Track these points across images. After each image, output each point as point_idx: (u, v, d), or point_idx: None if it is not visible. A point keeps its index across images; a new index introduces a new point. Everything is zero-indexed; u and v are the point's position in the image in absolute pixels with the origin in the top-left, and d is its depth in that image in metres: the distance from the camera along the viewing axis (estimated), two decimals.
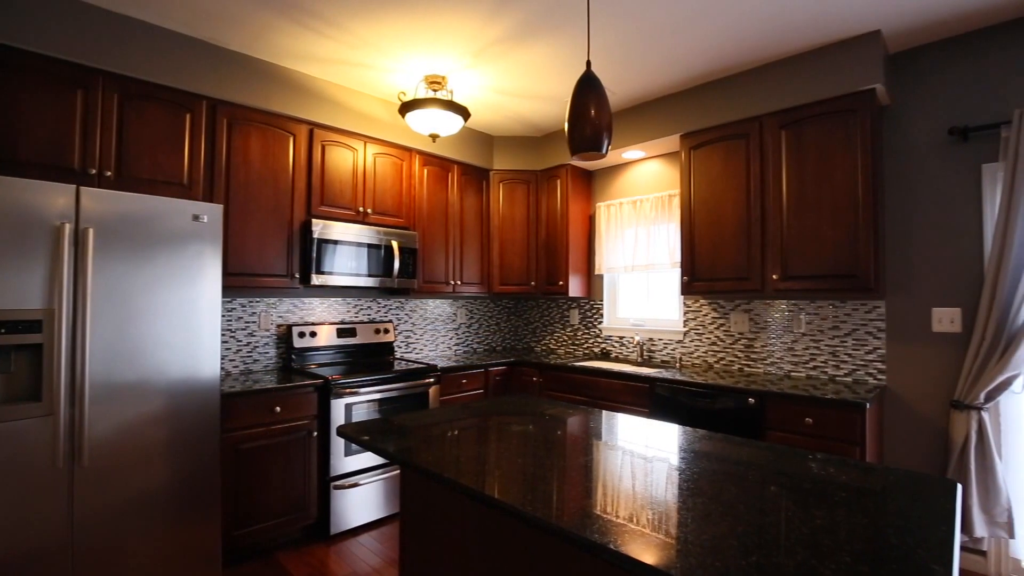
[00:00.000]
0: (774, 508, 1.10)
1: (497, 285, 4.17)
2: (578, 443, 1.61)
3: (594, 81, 1.59)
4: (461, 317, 4.38)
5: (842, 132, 2.67)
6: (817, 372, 3.02)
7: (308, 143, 3.12)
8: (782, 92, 2.89)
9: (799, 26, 2.56)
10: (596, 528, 0.99)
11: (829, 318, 2.99)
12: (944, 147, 2.67)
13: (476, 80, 3.20)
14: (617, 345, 4.02)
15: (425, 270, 3.71)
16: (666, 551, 0.90)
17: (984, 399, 2.42)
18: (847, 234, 2.63)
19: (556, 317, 4.49)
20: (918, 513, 1.08)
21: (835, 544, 0.93)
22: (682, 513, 1.07)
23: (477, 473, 1.31)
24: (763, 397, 2.64)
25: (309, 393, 2.79)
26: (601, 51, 2.83)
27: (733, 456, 1.48)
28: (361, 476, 2.95)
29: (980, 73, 2.58)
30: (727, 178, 3.08)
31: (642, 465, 1.40)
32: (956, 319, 2.60)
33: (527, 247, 4.20)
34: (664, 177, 3.77)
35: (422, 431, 1.74)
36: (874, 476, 1.31)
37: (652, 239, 3.75)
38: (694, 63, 2.97)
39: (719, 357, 3.43)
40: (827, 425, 2.43)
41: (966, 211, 2.60)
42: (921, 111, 2.74)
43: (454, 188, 3.94)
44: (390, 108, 3.52)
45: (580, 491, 1.19)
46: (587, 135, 1.55)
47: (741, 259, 3.00)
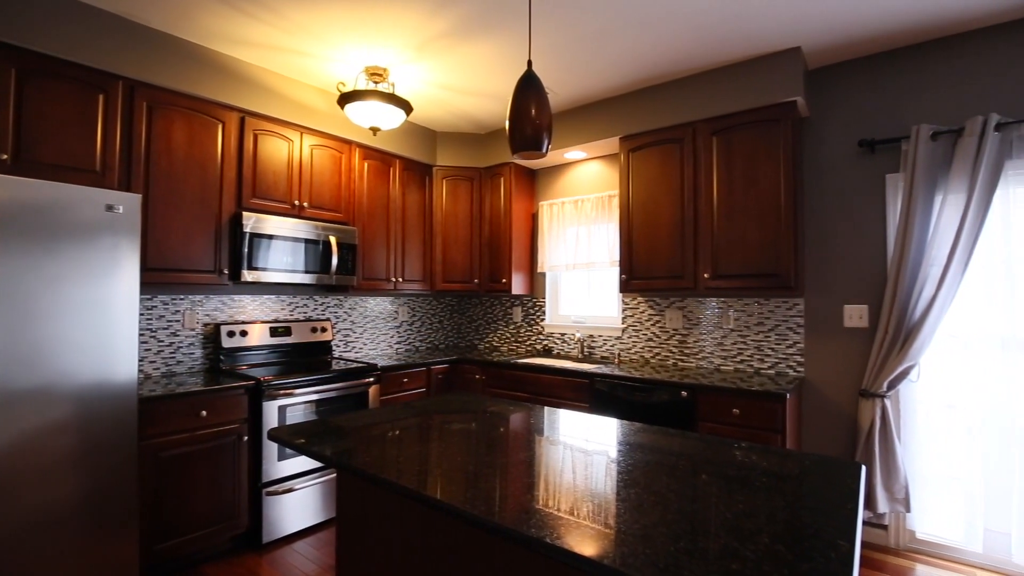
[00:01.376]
0: (701, 495, 1.16)
1: (440, 282, 4.13)
2: (520, 439, 1.63)
3: (535, 81, 1.61)
4: (403, 315, 4.30)
5: (767, 140, 2.84)
6: (744, 365, 3.21)
7: (239, 131, 2.95)
8: (714, 100, 3.04)
9: (728, 38, 2.70)
10: (534, 523, 1.00)
11: (755, 315, 3.18)
12: (854, 158, 2.91)
13: (419, 74, 3.15)
14: (559, 342, 4.09)
15: (365, 267, 3.61)
16: (601, 541, 0.92)
17: (887, 388, 2.66)
18: (770, 236, 2.81)
19: (499, 315, 4.51)
20: (828, 494, 1.17)
21: (755, 527, 0.99)
22: (617, 504, 1.11)
23: (417, 473, 1.30)
24: (695, 390, 2.77)
25: (239, 395, 2.65)
26: (543, 52, 2.86)
27: (666, 447, 1.54)
28: (296, 481, 2.84)
29: (885, 91, 2.83)
30: (663, 181, 3.21)
31: (581, 459, 1.44)
32: (864, 315, 2.84)
33: (471, 244, 4.18)
34: (605, 178, 3.87)
35: (361, 432, 1.69)
36: (791, 461, 1.41)
37: (593, 238, 3.85)
38: (633, 68, 3.06)
39: (655, 352, 3.57)
40: (752, 415, 2.59)
41: (872, 216, 2.85)
42: (835, 124, 2.97)
43: (396, 183, 3.86)
44: (328, 99, 3.40)
45: (521, 487, 1.21)
46: (527, 134, 1.56)
47: (675, 259, 3.13)
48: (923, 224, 2.60)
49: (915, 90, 2.75)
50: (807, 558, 0.87)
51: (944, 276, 2.49)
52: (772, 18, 2.51)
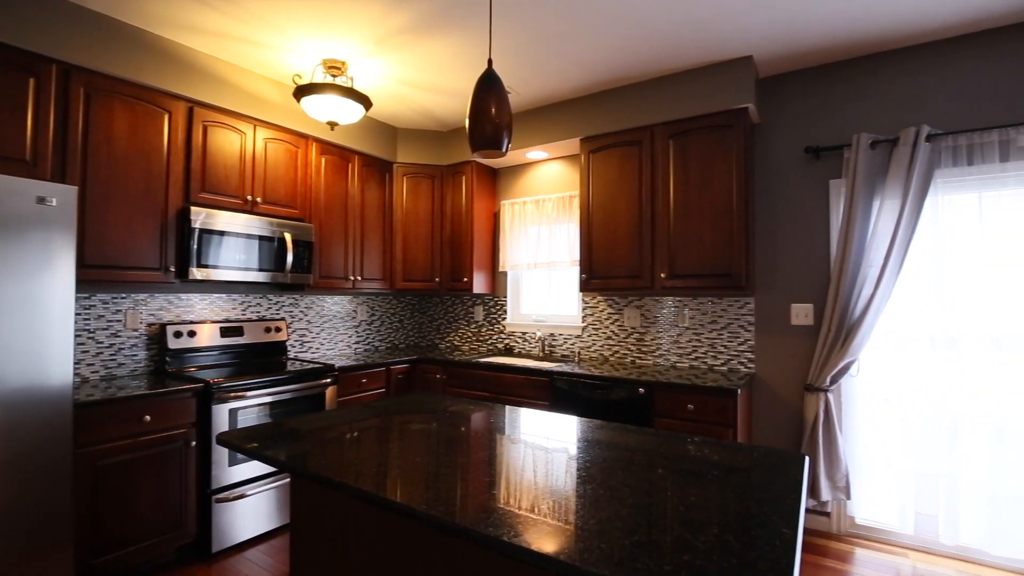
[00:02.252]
0: (656, 489, 1.19)
1: (400, 281, 4.07)
2: (481, 438, 1.63)
3: (495, 80, 1.60)
4: (362, 314, 4.22)
5: (720, 145, 2.94)
6: (699, 362, 3.31)
7: (187, 122, 2.82)
8: (671, 104, 3.12)
9: (685, 45, 2.78)
10: (492, 522, 1.00)
11: (709, 313, 3.29)
12: (801, 163, 3.05)
13: (379, 69, 3.09)
14: (520, 341, 4.11)
15: (322, 264, 3.52)
16: (558, 538, 0.93)
17: (830, 382, 2.80)
18: (723, 237, 2.91)
19: (461, 313, 4.49)
20: (775, 485, 1.22)
21: (706, 518, 1.03)
22: (574, 501, 1.12)
23: (375, 475, 1.27)
24: (652, 387, 2.84)
25: (186, 399, 2.53)
26: (505, 51, 2.86)
27: (623, 443, 1.57)
28: (249, 486, 2.74)
29: (829, 101, 2.98)
30: (622, 182, 3.27)
31: (540, 457, 1.45)
32: (809, 313, 2.99)
33: (431, 243, 4.15)
34: (566, 178, 3.91)
35: (317, 434, 1.65)
36: (741, 454, 1.46)
37: (554, 238, 3.88)
38: (593, 70, 3.10)
39: (614, 350, 3.64)
40: (706, 410, 2.68)
41: (817, 220, 2.99)
42: (784, 131, 3.11)
43: (354, 179, 3.78)
44: (284, 91, 3.29)
45: (481, 486, 1.20)
46: (487, 133, 1.56)
47: (634, 259, 3.20)
48: (863, 228, 2.75)
49: (857, 101, 2.91)
50: (754, 547, 0.91)
51: (881, 277, 2.65)
52: (726, 27, 2.60)
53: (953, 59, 2.67)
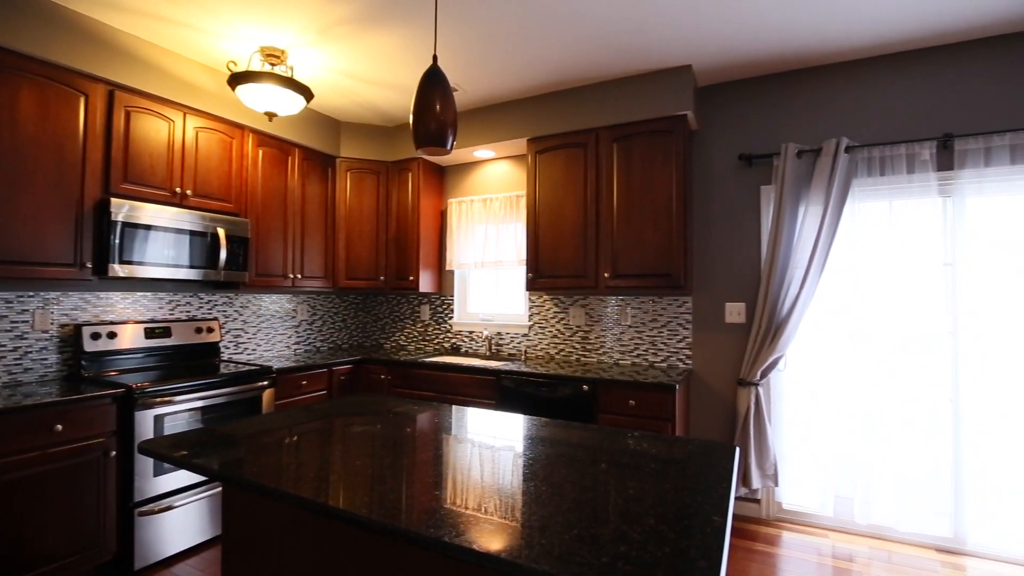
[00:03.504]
0: (596, 484, 1.22)
1: (343, 279, 3.95)
2: (426, 439, 1.61)
3: (440, 76, 1.59)
4: (302, 313, 4.07)
5: (662, 150, 3.05)
6: (640, 359, 3.42)
7: (107, 107, 2.61)
8: (615, 108, 3.20)
9: (629, 50, 2.86)
10: (433, 523, 0.99)
11: (650, 312, 3.40)
12: (735, 170, 3.21)
13: (321, 60, 2.99)
14: (467, 340, 4.09)
15: (259, 262, 3.36)
16: (500, 536, 0.94)
17: (760, 376, 2.97)
18: (664, 239, 3.02)
19: (407, 313, 4.42)
20: (708, 475, 1.28)
21: (643, 510, 1.06)
22: (518, 498, 1.13)
23: (314, 481, 1.23)
24: (595, 384, 2.90)
25: (105, 405, 2.35)
26: (451, 48, 2.84)
27: (566, 440, 1.60)
28: (176, 497, 2.58)
29: (761, 111, 3.16)
30: (568, 183, 3.32)
31: (485, 456, 1.45)
32: (742, 312, 3.15)
33: (376, 240, 4.05)
34: (513, 178, 3.93)
35: (252, 440, 1.57)
36: (678, 447, 1.52)
37: (501, 237, 3.89)
38: (540, 72, 3.14)
39: (559, 349, 3.69)
40: (646, 406, 2.77)
41: (749, 223, 3.16)
42: (720, 138, 3.26)
43: (295, 173, 3.63)
44: (218, 78, 3.11)
45: (426, 488, 1.19)
46: (432, 130, 1.54)
47: (579, 258, 3.26)
48: (790, 231, 2.94)
49: (785, 112, 3.09)
50: (687, 535, 0.95)
51: (805, 278, 2.83)
52: (667, 36, 2.70)
53: (869, 78, 2.90)
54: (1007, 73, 2.63)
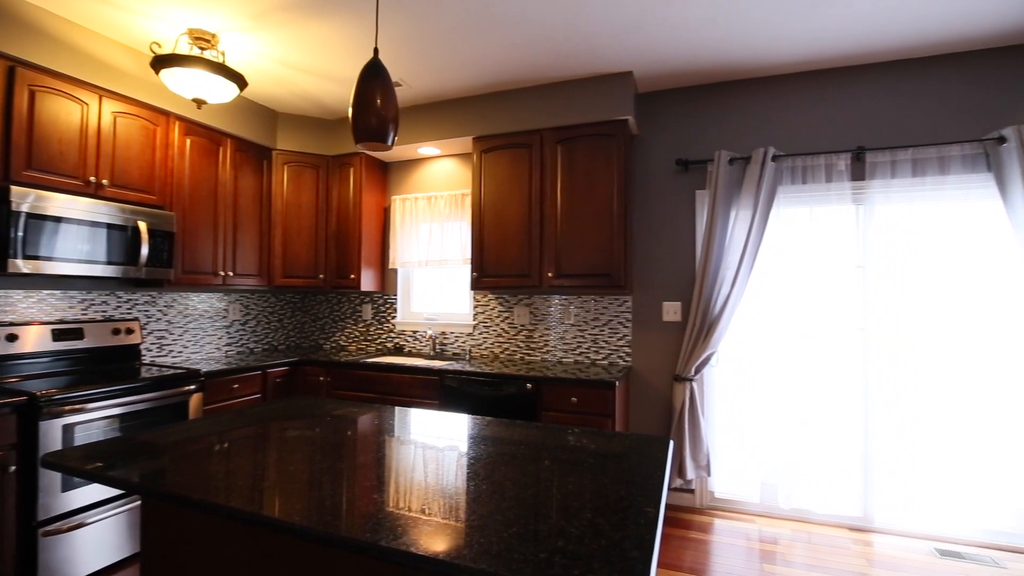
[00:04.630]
0: (536, 481, 1.23)
1: (279, 277, 3.79)
2: (366, 442, 1.57)
3: (381, 70, 1.55)
4: (235, 313, 3.86)
5: (604, 153, 3.12)
6: (583, 357, 3.50)
7: (7, 85, 2.37)
8: (560, 111, 3.25)
9: (573, 55, 2.91)
10: (370, 527, 0.97)
11: (592, 311, 3.48)
12: (673, 174, 3.34)
13: (256, 46, 2.84)
14: (411, 339, 4.03)
15: (186, 258, 3.16)
16: (438, 537, 0.93)
17: (694, 372, 3.11)
18: (605, 239, 3.09)
19: (347, 312, 4.29)
20: (643, 468, 1.32)
21: (581, 504, 1.08)
22: (457, 498, 1.12)
23: (245, 489, 1.17)
24: (539, 382, 2.94)
25: (3, 415, 2.13)
26: (394, 42, 2.78)
27: (509, 438, 1.61)
28: (89, 513, 2.38)
29: (697, 119, 3.30)
30: (513, 183, 3.34)
31: (426, 457, 1.43)
32: (678, 311, 3.29)
33: (315, 237, 3.91)
34: (458, 176, 3.90)
35: (176, 448, 1.47)
36: (616, 442, 1.57)
37: (446, 235, 3.86)
38: (485, 70, 3.13)
39: (504, 348, 3.71)
40: (588, 402, 2.83)
41: (685, 226, 3.30)
42: (659, 143, 3.38)
43: (227, 165, 3.44)
44: (140, 60, 2.90)
45: (364, 492, 1.16)
46: (372, 125, 1.51)
47: (523, 258, 3.29)
48: (722, 234, 3.09)
49: (719, 121, 3.25)
50: (621, 527, 0.98)
51: (736, 278, 2.99)
52: (610, 42, 2.77)
53: (794, 91, 3.10)
54: (911, 95, 2.89)
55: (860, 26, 2.57)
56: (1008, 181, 2.63)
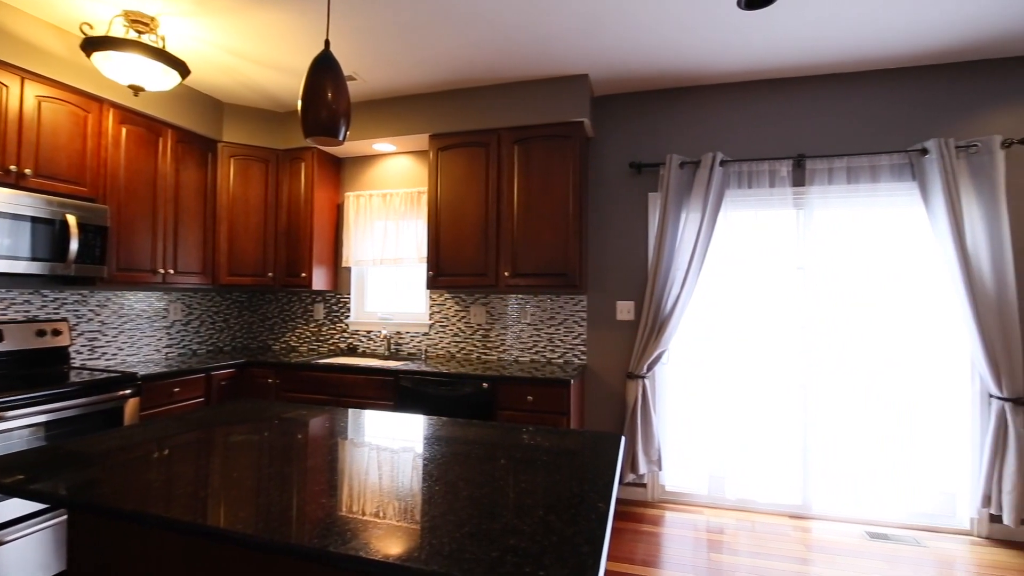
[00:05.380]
0: (490, 480, 1.23)
1: (225, 275, 3.62)
2: (318, 445, 1.52)
3: (332, 62, 1.51)
4: (176, 313, 3.66)
5: (560, 154, 3.16)
6: (539, 356, 3.53)
7: None
8: (517, 111, 3.26)
9: (530, 56, 2.93)
10: (319, 533, 0.94)
11: (548, 310, 3.52)
12: (627, 177, 3.42)
13: (200, 32, 2.71)
14: (365, 340, 3.95)
15: (121, 254, 2.97)
16: (389, 540, 0.91)
17: (646, 370, 3.19)
18: (561, 239, 3.13)
19: (298, 312, 4.15)
20: (596, 464, 1.35)
21: (534, 502, 1.09)
22: (409, 500, 1.11)
23: (185, 498, 1.11)
24: (495, 382, 2.94)
25: None
26: (347, 34, 2.72)
27: (464, 438, 1.60)
28: (8, 531, 2.20)
29: (650, 123, 3.39)
30: (470, 182, 3.33)
31: (379, 459, 1.40)
32: (631, 310, 3.37)
33: (264, 234, 3.76)
34: (414, 173, 3.85)
35: (109, 457, 1.38)
36: (570, 439, 1.59)
37: (402, 233, 3.80)
38: (443, 68, 3.11)
39: (460, 347, 3.69)
40: (544, 401, 2.86)
41: (638, 227, 3.39)
42: (613, 146, 3.45)
43: (167, 157, 3.26)
44: (69, 41, 2.70)
45: (313, 497, 1.12)
46: (322, 118, 1.46)
47: (480, 257, 3.29)
48: (673, 236, 3.19)
49: (671, 125, 3.35)
50: (573, 523, 0.99)
51: (686, 278, 3.09)
52: (566, 45, 2.80)
53: (741, 99, 3.24)
54: (847, 107, 3.08)
55: (802, 41, 2.71)
56: (930, 190, 2.84)
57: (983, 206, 2.79)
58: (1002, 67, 2.88)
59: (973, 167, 2.82)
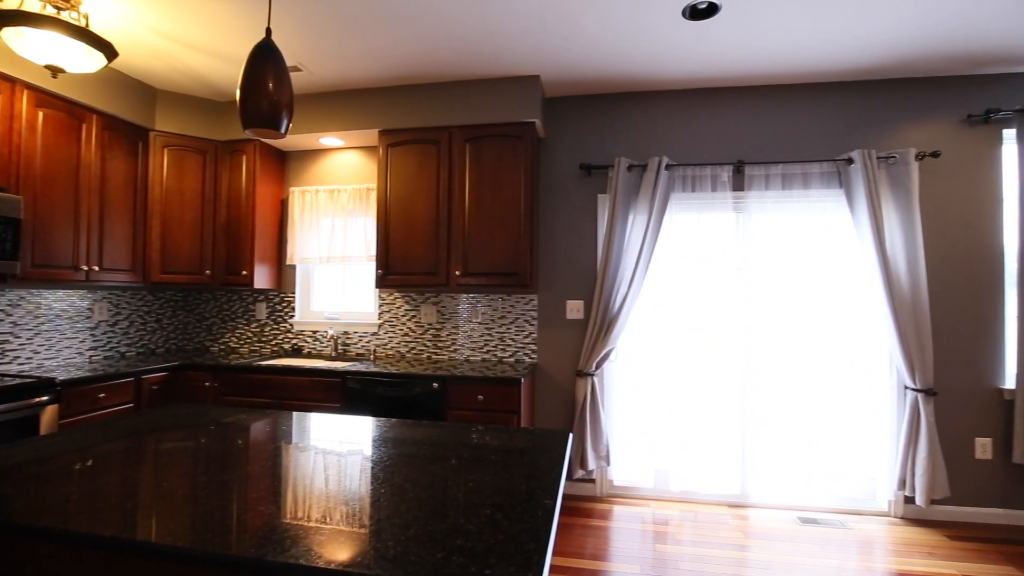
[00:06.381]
0: (437, 481, 1.22)
1: (158, 273, 3.41)
2: (260, 450, 1.46)
3: (273, 51, 1.45)
4: (101, 313, 3.42)
5: (511, 153, 3.17)
6: (490, 355, 3.53)
7: None
8: (469, 109, 3.25)
9: (481, 54, 2.92)
10: (256, 541, 0.91)
11: (499, 309, 3.53)
12: (577, 178, 3.48)
13: (129, 13, 2.53)
14: (310, 340, 3.82)
15: (37, 249, 2.74)
16: (332, 546, 0.89)
17: (595, 367, 3.26)
18: (512, 239, 3.14)
19: (239, 311, 3.97)
20: (543, 461, 1.36)
21: (481, 501, 1.09)
22: (356, 504, 1.08)
23: (109, 512, 1.04)
24: (445, 381, 2.92)
25: None
26: (292, 23, 2.62)
27: (412, 439, 1.58)
28: None
29: (600, 126, 3.46)
30: (421, 179, 3.29)
31: (322, 464, 1.36)
32: (580, 309, 3.43)
33: (202, 229, 3.57)
34: (363, 169, 3.76)
35: (21, 470, 1.27)
36: (519, 437, 1.60)
37: (350, 231, 3.70)
38: (393, 63, 3.05)
39: (411, 347, 3.64)
40: (494, 400, 2.86)
41: (588, 228, 3.45)
42: (564, 147, 3.50)
43: (92, 145, 3.03)
44: None
45: (253, 504, 1.07)
46: (263, 109, 1.40)
47: (430, 255, 3.25)
48: (621, 236, 3.27)
49: (620, 129, 3.43)
50: (519, 520, 1.00)
51: (633, 278, 3.18)
52: (517, 45, 2.81)
53: (687, 106, 3.36)
54: (782, 116, 3.25)
55: (742, 53, 2.84)
56: (855, 197, 3.04)
57: (900, 213, 3.03)
58: (914, 86, 3.13)
59: (892, 177, 3.05)
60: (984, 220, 3.06)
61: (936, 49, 2.78)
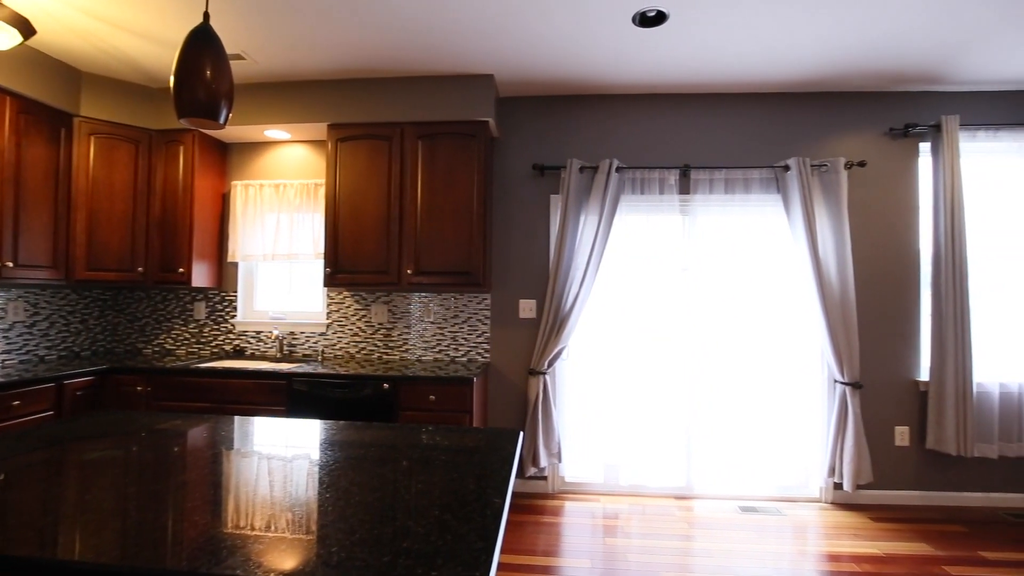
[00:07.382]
0: (385, 483, 1.20)
1: (83, 270, 3.17)
2: (196, 457, 1.38)
3: (211, 37, 1.37)
4: (17, 313, 3.14)
5: (464, 152, 3.15)
6: (442, 355, 3.50)
7: None
8: (421, 106, 3.20)
9: (434, 50, 2.89)
10: (190, 554, 0.86)
11: (452, 308, 3.50)
12: (530, 178, 3.50)
13: None
14: (254, 341, 3.66)
15: None
16: (273, 555, 0.86)
17: (547, 366, 3.29)
18: (465, 238, 3.13)
19: (175, 311, 3.75)
20: (493, 460, 1.36)
21: (429, 502, 1.08)
22: (299, 510, 1.04)
23: (20, 528, 0.95)
24: (396, 382, 2.87)
25: None
26: (234, 9, 2.50)
27: (360, 441, 1.55)
28: None
29: (553, 127, 3.50)
30: (371, 176, 3.21)
31: (268, 468, 1.31)
32: (533, 308, 3.46)
33: (134, 224, 3.35)
34: (311, 164, 3.64)
35: None
36: (469, 437, 1.60)
37: (296, 227, 3.58)
38: (343, 55, 2.96)
39: (360, 347, 3.56)
40: (446, 400, 2.84)
41: (540, 228, 3.48)
42: (517, 147, 3.52)
43: (4, 129, 2.78)
44: None
45: (185, 515, 1.02)
46: (199, 98, 1.33)
47: (381, 254, 3.19)
48: (572, 237, 3.32)
49: (572, 130, 3.48)
50: (468, 520, 1.00)
51: (584, 277, 3.23)
52: (471, 42, 2.79)
53: (636, 110, 3.45)
54: (726, 123, 3.40)
55: (688, 61, 2.95)
56: (791, 202, 3.22)
57: (831, 218, 3.23)
58: (844, 99, 3.35)
59: (824, 184, 3.25)
60: (903, 226, 3.32)
61: (864, 66, 2.98)
